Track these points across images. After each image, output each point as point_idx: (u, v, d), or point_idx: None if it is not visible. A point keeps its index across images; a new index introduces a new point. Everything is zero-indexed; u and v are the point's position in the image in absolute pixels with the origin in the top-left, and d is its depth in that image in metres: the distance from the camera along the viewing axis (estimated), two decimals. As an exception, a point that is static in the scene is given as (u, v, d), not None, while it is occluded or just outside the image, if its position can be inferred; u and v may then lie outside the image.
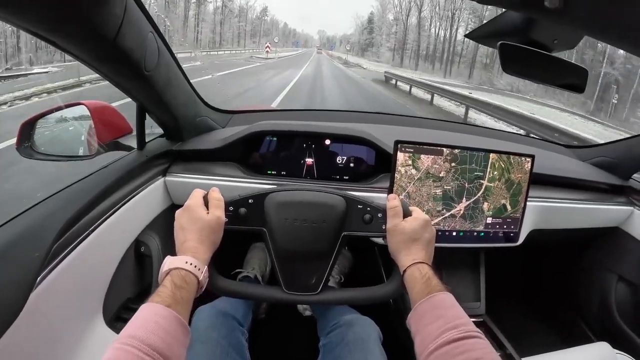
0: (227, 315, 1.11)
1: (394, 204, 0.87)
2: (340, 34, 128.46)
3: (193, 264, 0.72)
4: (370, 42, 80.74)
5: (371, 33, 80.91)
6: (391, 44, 70.85)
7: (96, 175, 1.01)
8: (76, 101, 1.21)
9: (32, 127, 1.16)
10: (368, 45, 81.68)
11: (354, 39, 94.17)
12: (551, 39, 0.86)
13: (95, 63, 0.84)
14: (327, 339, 1.12)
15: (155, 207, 1.23)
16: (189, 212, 0.80)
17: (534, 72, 0.92)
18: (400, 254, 0.83)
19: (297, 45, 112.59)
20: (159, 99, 1.08)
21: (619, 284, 1.55)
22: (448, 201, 1.19)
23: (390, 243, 0.86)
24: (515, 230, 1.26)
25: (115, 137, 1.21)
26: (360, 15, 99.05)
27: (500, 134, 1.84)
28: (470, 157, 1.18)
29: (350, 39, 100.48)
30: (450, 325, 0.67)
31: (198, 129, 1.38)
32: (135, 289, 1.15)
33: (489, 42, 0.97)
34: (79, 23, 0.69)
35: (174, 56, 1.10)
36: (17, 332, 0.67)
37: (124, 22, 0.77)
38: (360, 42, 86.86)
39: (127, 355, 0.55)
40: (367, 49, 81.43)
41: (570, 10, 0.51)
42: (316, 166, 1.31)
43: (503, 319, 1.45)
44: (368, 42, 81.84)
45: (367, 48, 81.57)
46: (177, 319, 0.63)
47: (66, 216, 0.82)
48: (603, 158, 1.62)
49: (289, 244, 0.89)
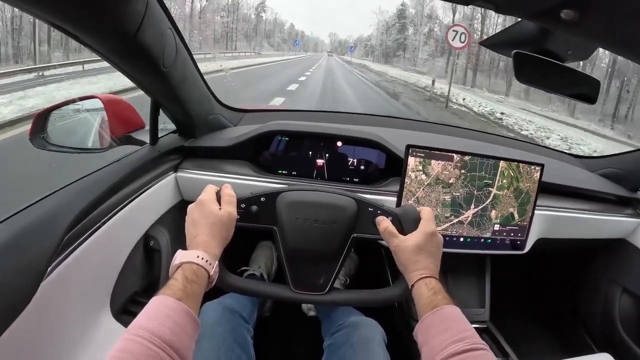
0: (233, 312, 1.12)
1: (384, 226, 0.87)
2: (355, 35, 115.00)
3: (204, 259, 0.73)
4: (402, 43, 61.01)
5: (403, 31, 61.54)
6: (434, 48, 50.27)
7: (109, 168, 1.02)
8: (90, 94, 1.22)
9: (46, 118, 1.17)
10: (397, 49, 62.26)
11: (374, 42, 76.25)
12: (565, 49, 0.86)
13: (114, 58, 0.85)
14: (331, 339, 1.13)
15: (165, 202, 1.23)
16: (202, 206, 0.81)
17: (547, 81, 0.92)
18: (406, 270, 0.83)
19: (297, 44, 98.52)
20: (174, 95, 1.09)
21: (623, 296, 1.54)
22: (456, 208, 1.19)
23: (396, 261, 0.86)
24: (522, 238, 1.26)
25: (128, 131, 1.22)
26: (384, 10, 76.77)
27: (510, 142, 1.83)
28: (480, 164, 1.18)
29: (369, 41, 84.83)
30: (457, 337, 0.67)
31: (210, 126, 1.39)
32: (143, 283, 1.15)
33: (503, 51, 0.97)
34: (101, 18, 0.70)
35: (190, 53, 1.11)
36: (26, 320, 0.68)
37: (145, 18, 0.78)
38: (383, 45, 67.92)
39: (137, 346, 0.55)
40: (396, 53, 61.99)
41: (586, 23, 0.51)
42: (327, 167, 1.31)
43: (506, 326, 1.45)
44: (398, 43, 62.26)
45: (396, 52, 62.34)
46: (188, 313, 0.64)
47: (78, 208, 0.83)
48: (611, 169, 1.61)
49: (299, 244, 0.90)
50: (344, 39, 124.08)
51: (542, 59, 0.85)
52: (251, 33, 74.34)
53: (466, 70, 38.13)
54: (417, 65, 50.21)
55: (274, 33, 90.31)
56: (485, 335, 1.44)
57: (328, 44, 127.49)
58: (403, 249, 0.83)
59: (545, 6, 0.51)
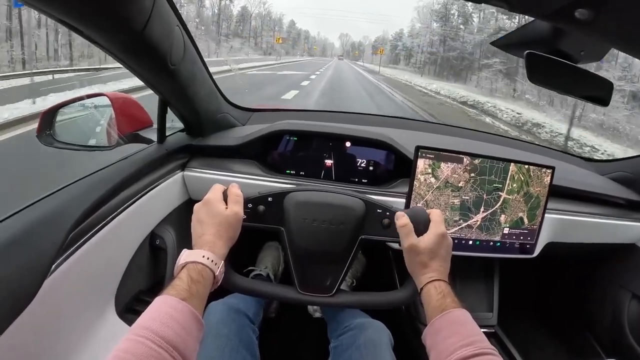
0: (239, 312, 1.11)
1: (404, 222, 0.85)
2: (373, 36, 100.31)
3: (210, 259, 0.72)
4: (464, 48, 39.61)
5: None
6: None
7: (116, 166, 1.02)
8: (98, 92, 1.22)
9: (53, 115, 1.18)
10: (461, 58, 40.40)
11: (411, 42, 54.98)
12: (578, 50, 0.85)
13: (121, 55, 0.85)
14: (338, 341, 1.12)
15: (172, 201, 1.23)
16: (208, 206, 0.80)
17: (559, 82, 0.91)
18: (417, 272, 0.83)
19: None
20: (182, 94, 1.08)
21: (632, 302, 1.52)
22: (466, 211, 1.18)
23: (406, 262, 0.85)
24: (531, 242, 1.24)
25: (135, 130, 1.22)
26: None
27: (520, 144, 1.82)
28: (490, 168, 1.16)
29: (398, 40, 63.46)
30: (465, 342, 0.67)
31: (219, 125, 1.39)
32: (148, 281, 1.15)
33: (515, 51, 0.96)
34: (108, 14, 0.69)
35: (198, 51, 1.10)
36: (30, 317, 0.68)
37: (153, 14, 0.77)
38: (434, 46, 45.80)
39: (139, 346, 0.55)
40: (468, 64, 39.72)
41: (601, 22, 0.50)
42: (335, 168, 1.30)
43: (514, 330, 1.44)
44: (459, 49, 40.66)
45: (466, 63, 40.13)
46: (192, 313, 0.63)
47: (84, 205, 0.83)
48: (622, 173, 1.59)
49: (307, 244, 0.89)
50: (358, 41, 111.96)
51: (555, 59, 0.84)
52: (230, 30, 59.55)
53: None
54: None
55: (263, 30, 72.76)
56: (492, 340, 1.43)
57: (339, 47, 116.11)
58: (416, 251, 0.82)
59: (560, 5, 0.50)
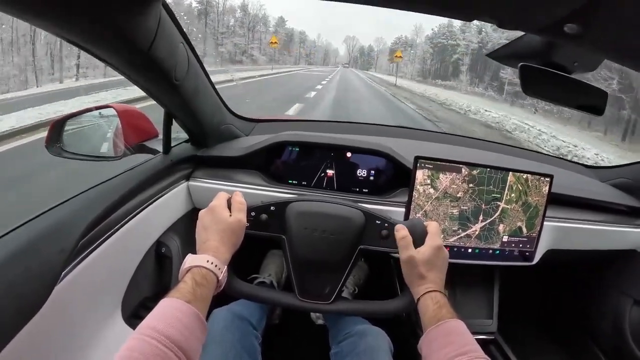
0: (242, 319, 1.13)
1: (403, 235, 0.87)
2: (388, 40, 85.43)
3: (214, 263, 0.75)
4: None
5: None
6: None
7: (122, 176, 1.04)
8: (105, 104, 1.25)
9: (62, 126, 1.20)
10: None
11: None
12: (571, 61, 0.86)
13: (128, 71, 0.87)
14: (338, 347, 1.13)
15: (177, 210, 1.25)
16: (213, 212, 0.84)
17: (554, 93, 0.93)
18: (414, 283, 0.85)
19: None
20: (186, 107, 1.11)
21: (633, 308, 1.52)
22: (464, 221, 1.19)
23: (404, 273, 0.88)
24: (531, 250, 1.25)
25: (141, 140, 1.24)
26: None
27: (520, 152, 1.82)
28: (488, 178, 1.18)
29: (435, 44, 55.71)
30: (460, 351, 0.69)
31: (222, 136, 1.41)
32: (154, 289, 1.17)
33: (510, 63, 0.98)
34: (115, 35, 0.72)
35: (202, 65, 1.13)
36: (40, 323, 0.70)
37: (158, 34, 0.80)
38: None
39: (145, 345, 0.57)
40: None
41: (591, 36, 0.52)
42: (336, 178, 1.32)
43: (514, 337, 1.44)
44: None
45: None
46: (196, 315, 0.66)
47: (93, 214, 0.85)
48: (622, 179, 1.60)
49: (306, 253, 0.92)
50: (368, 45, 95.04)
51: (549, 71, 0.86)
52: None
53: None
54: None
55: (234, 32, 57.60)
56: (492, 347, 1.43)
57: (343, 55, 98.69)
58: (414, 263, 0.84)
59: (548, 21, 0.52)
